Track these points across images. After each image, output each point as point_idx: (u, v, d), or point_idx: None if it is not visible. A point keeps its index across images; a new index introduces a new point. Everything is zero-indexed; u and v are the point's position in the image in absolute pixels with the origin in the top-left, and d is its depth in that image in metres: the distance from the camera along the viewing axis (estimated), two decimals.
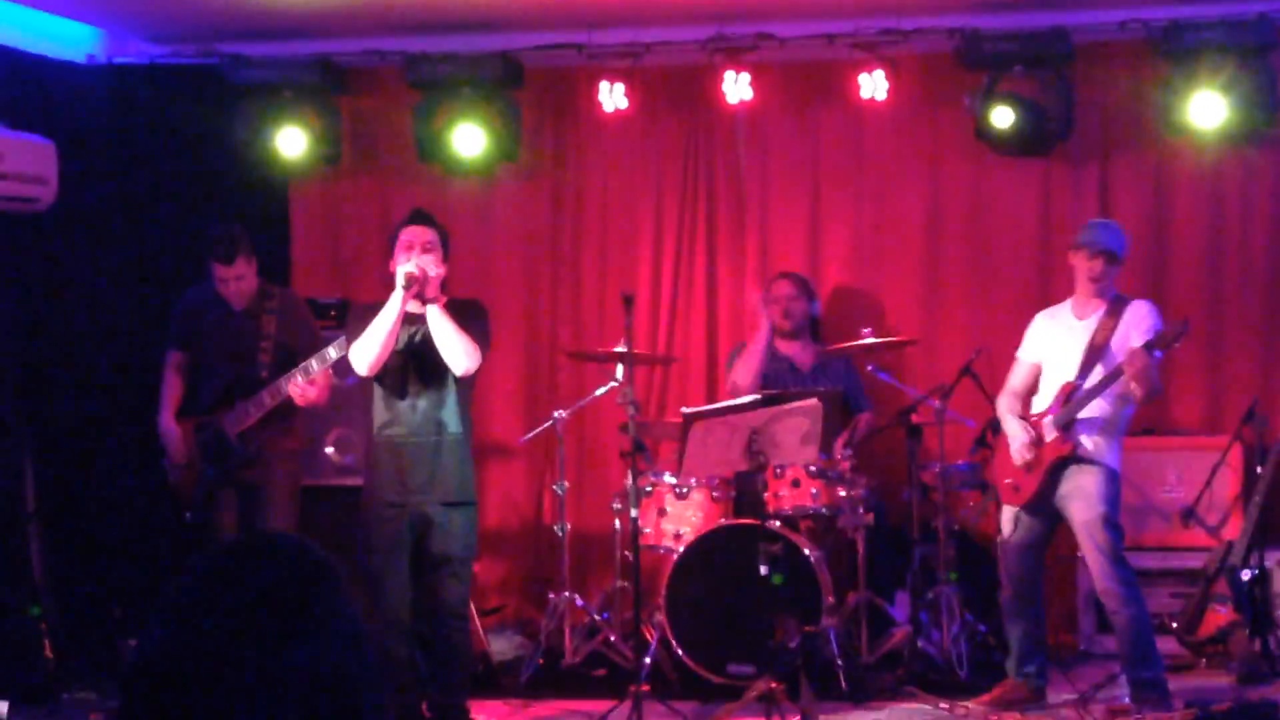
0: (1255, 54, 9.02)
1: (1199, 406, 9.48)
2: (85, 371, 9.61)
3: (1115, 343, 7.74)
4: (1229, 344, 9.50)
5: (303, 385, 7.72)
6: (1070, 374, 7.80)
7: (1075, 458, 7.74)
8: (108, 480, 9.54)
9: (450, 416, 7.31)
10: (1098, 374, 7.71)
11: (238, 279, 8.02)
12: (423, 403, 7.27)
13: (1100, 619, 8.84)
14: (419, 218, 7.36)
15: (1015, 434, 7.90)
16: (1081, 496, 7.73)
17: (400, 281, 7.08)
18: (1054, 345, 7.94)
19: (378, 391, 7.31)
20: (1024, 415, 7.94)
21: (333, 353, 7.49)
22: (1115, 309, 7.78)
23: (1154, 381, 7.64)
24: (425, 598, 7.32)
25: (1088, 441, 7.72)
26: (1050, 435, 7.78)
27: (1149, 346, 7.51)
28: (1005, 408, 8.06)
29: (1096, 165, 9.63)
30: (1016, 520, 7.93)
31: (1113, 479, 7.75)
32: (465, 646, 7.63)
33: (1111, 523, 7.70)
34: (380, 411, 7.30)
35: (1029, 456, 7.82)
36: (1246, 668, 8.27)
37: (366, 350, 7.12)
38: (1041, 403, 7.93)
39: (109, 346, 9.71)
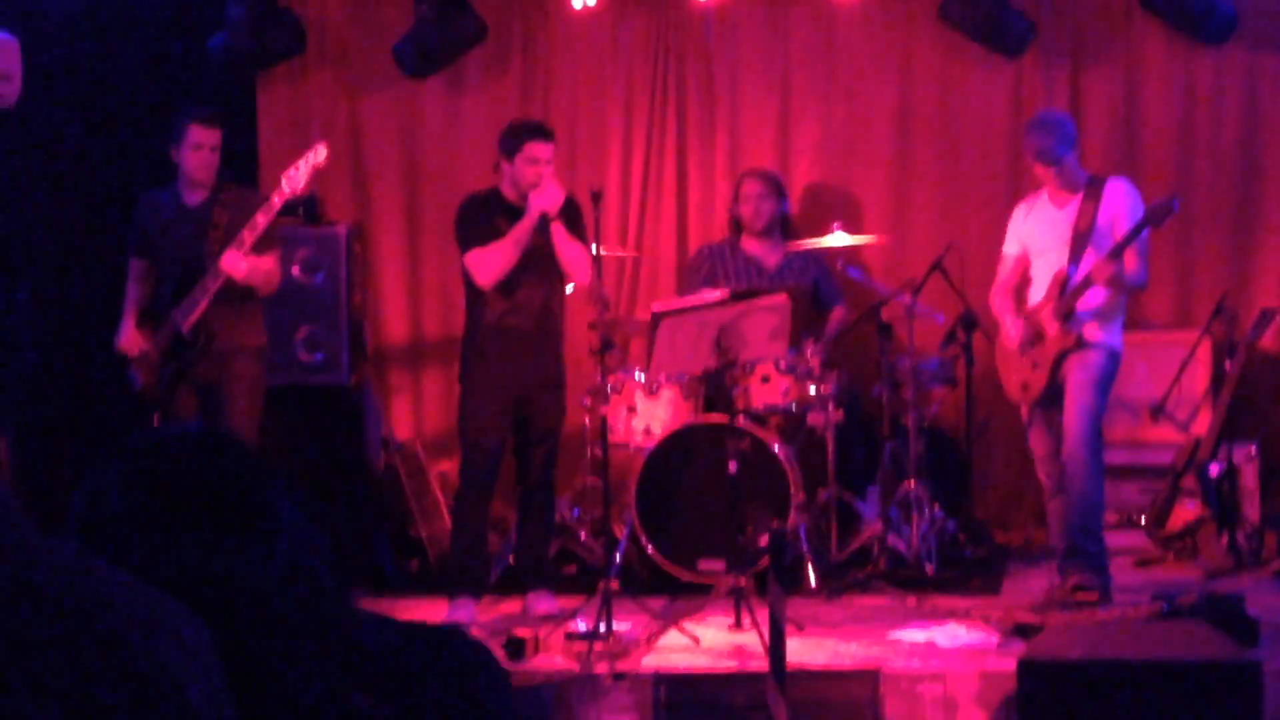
0: None
1: (1168, 301, 9.47)
2: (51, 270, 9.52)
3: (1102, 223, 7.73)
4: (1199, 238, 9.47)
5: (234, 255, 7.57)
6: (1061, 263, 7.80)
7: (1079, 345, 7.75)
8: (75, 389, 9.47)
9: (559, 306, 7.99)
10: (1089, 259, 7.70)
11: (213, 149, 7.81)
12: (538, 294, 7.83)
13: None
14: (545, 133, 7.77)
15: (1014, 334, 7.92)
16: (1080, 368, 7.73)
17: (534, 217, 7.60)
18: (1038, 236, 7.94)
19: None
20: (1023, 309, 7.95)
21: (260, 219, 7.60)
22: (1093, 192, 7.75)
23: (1130, 282, 7.65)
24: (526, 468, 7.97)
25: (1089, 330, 7.73)
26: (1051, 328, 7.78)
27: (1123, 243, 7.54)
28: (999, 307, 8.06)
29: (1068, 60, 9.56)
30: (1032, 417, 7.95)
31: (1112, 357, 7.76)
32: (551, 509, 8.18)
33: (1101, 388, 7.71)
34: (495, 301, 7.75)
35: (1032, 350, 7.86)
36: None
37: (493, 268, 7.67)
38: (1037, 294, 7.94)
39: (74, 245, 9.60)
